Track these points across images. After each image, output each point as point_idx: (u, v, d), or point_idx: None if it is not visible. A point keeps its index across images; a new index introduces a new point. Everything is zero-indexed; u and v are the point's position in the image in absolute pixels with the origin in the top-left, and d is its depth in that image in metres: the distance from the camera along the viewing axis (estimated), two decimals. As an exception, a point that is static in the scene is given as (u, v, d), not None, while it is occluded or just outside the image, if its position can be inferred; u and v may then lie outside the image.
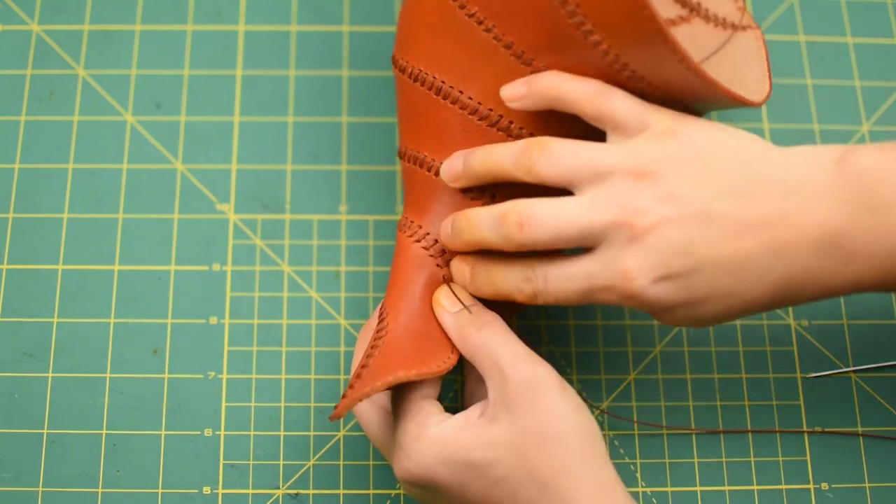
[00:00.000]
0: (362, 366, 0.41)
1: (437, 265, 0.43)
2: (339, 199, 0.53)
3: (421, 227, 0.44)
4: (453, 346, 0.42)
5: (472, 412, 0.40)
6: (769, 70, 0.47)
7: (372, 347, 0.42)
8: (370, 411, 0.44)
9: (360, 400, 0.39)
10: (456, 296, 0.43)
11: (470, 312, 0.42)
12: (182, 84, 0.55)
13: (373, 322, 0.46)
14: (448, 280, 0.43)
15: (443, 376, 0.42)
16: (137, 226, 0.52)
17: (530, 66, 0.41)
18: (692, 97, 0.42)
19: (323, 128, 0.55)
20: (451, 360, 0.41)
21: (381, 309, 0.44)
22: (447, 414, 0.41)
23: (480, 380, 0.43)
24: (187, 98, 0.54)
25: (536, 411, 0.38)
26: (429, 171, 0.44)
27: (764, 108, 0.56)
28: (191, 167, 0.53)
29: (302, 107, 0.55)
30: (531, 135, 0.42)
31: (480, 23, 0.41)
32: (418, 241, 0.44)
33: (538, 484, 0.38)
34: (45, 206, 0.52)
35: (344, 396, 0.40)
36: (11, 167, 0.53)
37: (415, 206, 0.45)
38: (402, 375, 0.39)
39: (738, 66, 0.47)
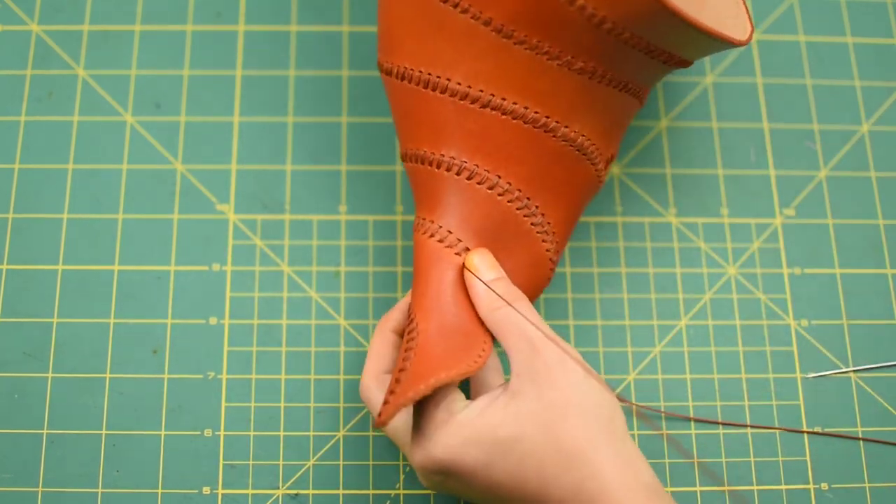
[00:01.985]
0: (400, 369, 0.41)
1: (457, 254, 0.43)
2: (338, 199, 0.53)
3: (433, 223, 0.44)
4: (484, 338, 0.42)
5: (495, 392, 0.40)
6: (748, 10, 0.47)
7: (406, 350, 0.42)
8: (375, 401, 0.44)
9: (406, 405, 0.39)
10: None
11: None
12: (182, 84, 0.55)
13: (391, 315, 0.46)
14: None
15: None
16: (137, 226, 0.52)
17: (512, 38, 0.41)
18: (675, 43, 0.42)
19: (323, 128, 0.54)
20: (485, 356, 0.41)
21: (409, 310, 0.44)
22: (469, 400, 0.41)
23: (487, 366, 0.44)
24: (187, 98, 0.54)
25: (562, 385, 0.39)
26: (430, 165, 0.44)
27: (764, 109, 0.56)
28: (191, 167, 0.53)
29: (302, 107, 0.55)
30: (525, 108, 0.42)
31: (456, 5, 0.41)
32: (432, 235, 0.44)
33: (566, 456, 0.38)
34: (45, 206, 0.52)
35: (385, 402, 0.40)
36: (11, 167, 0.53)
37: (425, 203, 0.45)
38: (443, 377, 0.39)
39: (718, 11, 0.46)
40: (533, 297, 0.46)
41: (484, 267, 0.43)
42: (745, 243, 0.53)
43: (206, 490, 0.48)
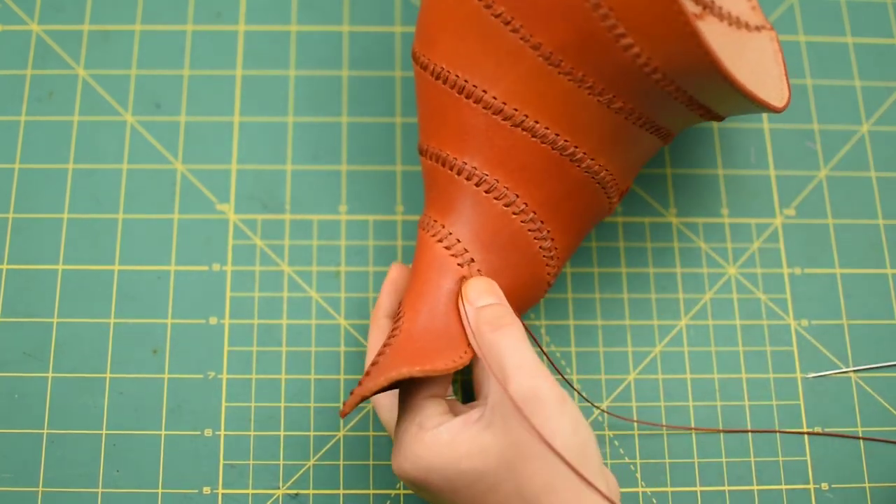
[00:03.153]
0: (373, 363, 0.41)
1: (459, 265, 0.43)
2: (339, 199, 0.53)
3: (444, 227, 0.44)
4: (466, 346, 0.42)
5: (471, 416, 0.40)
6: (786, 72, 0.47)
7: (385, 345, 0.42)
8: (384, 397, 0.45)
9: (366, 397, 0.39)
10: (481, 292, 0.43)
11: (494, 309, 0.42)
12: (182, 84, 0.55)
13: (380, 302, 0.46)
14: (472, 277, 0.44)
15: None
16: (137, 226, 0.52)
17: (558, 68, 0.41)
18: (718, 102, 0.42)
19: (323, 128, 0.55)
20: (461, 361, 0.41)
21: (399, 306, 0.44)
22: (448, 415, 0.41)
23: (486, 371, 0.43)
24: (187, 98, 0.54)
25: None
26: (451, 169, 0.44)
27: (764, 108, 0.56)
28: (191, 167, 0.53)
29: (302, 107, 0.55)
30: (556, 135, 0.42)
31: (507, 23, 0.41)
32: (440, 240, 0.44)
33: (524, 500, 0.38)
34: (45, 206, 0.52)
35: (352, 393, 0.40)
36: (11, 167, 0.53)
37: (437, 204, 0.45)
38: (405, 371, 0.39)
39: (755, 67, 0.47)
40: (520, 314, 0.45)
41: (476, 293, 0.42)
42: (745, 243, 0.54)
43: (206, 490, 0.48)
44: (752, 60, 0.47)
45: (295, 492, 0.48)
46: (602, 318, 0.52)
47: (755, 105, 0.43)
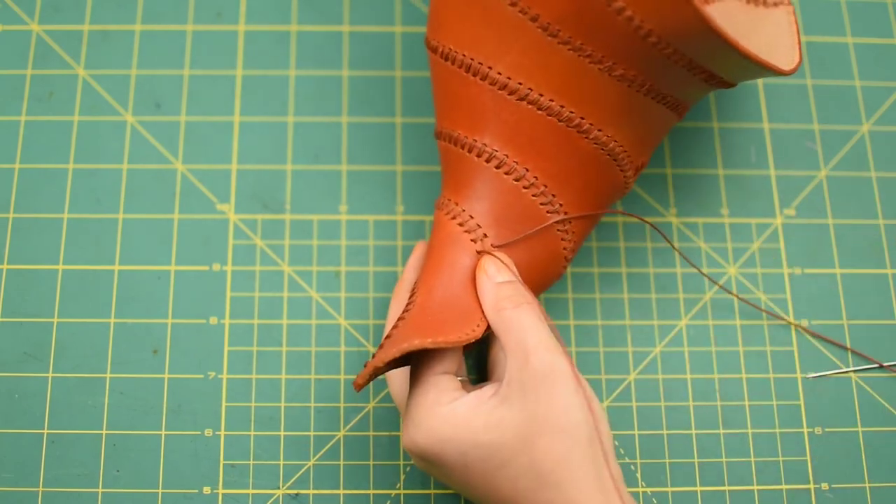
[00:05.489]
0: (386, 336, 0.42)
1: (472, 241, 0.44)
2: (339, 199, 0.53)
3: (457, 205, 0.44)
4: (479, 320, 0.42)
5: (485, 392, 0.40)
6: (799, 41, 0.47)
7: (399, 319, 0.42)
8: (395, 372, 0.45)
9: (379, 368, 0.40)
10: (504, 266, 0.43)
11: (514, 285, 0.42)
12: (182, 84, 0.55)
13: (405, 277, 0.47)
14: (485, 253, 0.44)
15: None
16: (137, 226, 0.52)
17: (557, 38, 0.41)
18: (719, 65, 0.42)
19: (323, 128, 0.55)
20: (474, 334, 0.41)
21: (414, 284, 0.44)
22: (461, 391, 0.41)
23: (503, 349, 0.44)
24: (187, 98, 0.54)
25: (548, 400, 0.39)
26: (462, 148, 0.44)
27: (764, 109, 0.56)
28: (191, 167, 0.53)
29: (302, 107, 0.55)
30: (562, 107, 0.42)
31: None
32: (454, 218, 0.44)
33: (538, 475, 0.38)
34: (45, 206, 0.52)
35: (365, 365, 0.40)
36: (11, 167, 0.53)
37: (452, 184, 0.45)
38: (416, 343, 0.40)
39: (770, 40, 0.47)
40: (540, 292, 0.46)
41: (495, 269, 0.43)
42: (745, 243, 0.54)
43: (207, 490, 0.48)
44: (768, 34, 0.47)
45: (295, 492, 0.48)
46: (602, 318, 0.52)
47: (759, 66, 0.42)
